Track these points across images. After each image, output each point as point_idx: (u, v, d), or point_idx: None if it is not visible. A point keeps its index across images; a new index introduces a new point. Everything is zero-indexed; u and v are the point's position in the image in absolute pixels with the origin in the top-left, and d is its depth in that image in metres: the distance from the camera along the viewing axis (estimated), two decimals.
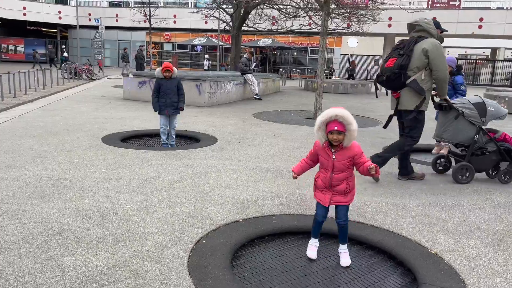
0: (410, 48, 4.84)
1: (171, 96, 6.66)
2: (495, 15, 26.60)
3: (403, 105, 5.06)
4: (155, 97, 6.69)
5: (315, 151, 2.96)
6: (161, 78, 6.66)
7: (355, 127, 2.73)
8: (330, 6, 11.71)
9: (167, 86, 6.66)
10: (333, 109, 2.77)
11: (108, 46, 35.70)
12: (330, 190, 2.89)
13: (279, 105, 13.30)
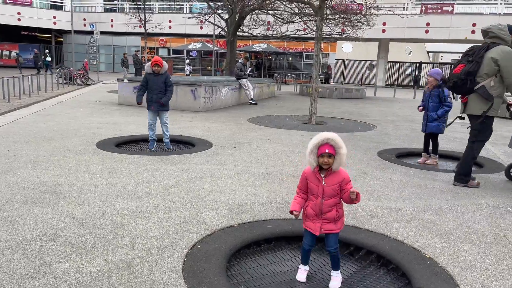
0: (480, 55, 4.91)
1: (157, 92, 6.61)
2: (488, 20, 26.84)
3: (469, 110, 5.14)
4: (141, 90, 6.69)
5: (304, 179, 2.96)
6: (149, 72, 6.61)
7: (345, 151, 2.77)
8: (324, 11, 11.79)
9: (155, 81, 6.60)
10: (325, 133, 2.82)
11: (103, 51, 35.65)
12: (321, 218, 2.88)
13: (274, 110, 13.33)
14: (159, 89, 6.61)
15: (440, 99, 6.32)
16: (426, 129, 6.54)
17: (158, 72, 6.59)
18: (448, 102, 6.32)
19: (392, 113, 13.52)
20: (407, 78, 34.94)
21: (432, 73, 6.40)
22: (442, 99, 6.30)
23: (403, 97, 21.38)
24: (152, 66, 6.56)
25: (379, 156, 6.84)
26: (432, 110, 6.39)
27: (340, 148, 2.76)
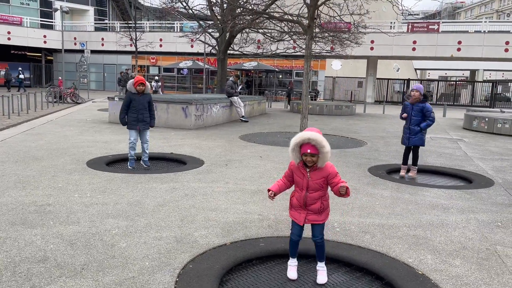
0: None
1: (142, 111, 6.59)
2: (473, 38, 27.52)
3: None
4: (124, 113, 6.57)
5: (290, 171, 3.04)
6: (134, 92, 6.54)
7: (328, 149, 2.81)
8: (313, 30, 11.98)
9: (139, 101, 6.55)
10: (306, 132, 2.86)
11: (94, 69, 35.63)
12: (305, 209, 2.96)
13: (265, 127, 13.39)
14: (144, 108, 6.60)
15: (423, 114, 6.48)
16: (409, 142, 6.68)
17: (143, 91, 6.56)
18: (432, 117, 6.50)
19: (382, 130, 13.66)
20: (396, 94, 35.44)
21: (418, 88, 6.56)
22: (426, 113, 6.48)
23: (392, 113, 21.63)
24: (137, 86, 6.48)
25: (370, 172, 6.88)
26: (415, 123, 6.55)
27: (322, 147, 2.80)
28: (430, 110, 6.49)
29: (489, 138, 12.20)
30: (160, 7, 23.13)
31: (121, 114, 6.63)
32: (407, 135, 6.68)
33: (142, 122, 6.63)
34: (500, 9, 70.22)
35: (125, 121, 6.63)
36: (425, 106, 6.47)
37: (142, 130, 6.71)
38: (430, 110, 6.49)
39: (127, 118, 6.62)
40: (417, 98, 6.49)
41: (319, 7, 11.10)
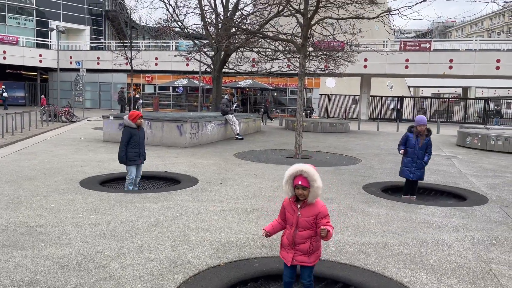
0: None
1: (143, 145, 6.50)
2: (464, 56, 27.96)
3: None
4: (124, 150, 6.30)
5: (283, 208, 3.01)
6: (133, 127, 6.34)
7: (319, 184, 2.78)
8: (307, 49, 12.14)
9: (140, 135, 6.44)
10: (300, 164, 2.86)
11: (89, 88, 35.70)
12: (293, 249, 2.88)
13: (260, 144, 13.40)
14: (143, 142, 6.53)
15: (426, 147, 6.41)
16: (413, 176, 6.49)
17: (141, 125, 6.45)
18: (431, 150, 6.48)
19: (376, 147, 13.72)
20: (390, 111, 35.72)
21: (425, 122, 6.42)
22: (428, 147, 6.42)
23: (386, 130, 21.77)
24: (137, 120, 6.31)
25: (365, 190, 6.88)
26: (422, 157, 6.43)
27: (314, 181, 2.78)
28: (431, 144, 6.51)
29: (482, 155, 12.28)
30: (156, 26, 23.36)
31: (122, 151, 6.32)
32: (411, 169, 6.47)
33: (142, 156, 6.54)
34: (490, 28, 71.66)
35: (125, 159, 6.37)
36: (429, 140, 6.42)
37: (141, 164, 6.60)
38: (431, 144, 6.48)
39: (128, 154, 6.36)
40: (425, 132, 6.39)
41: (312, 26, 11.27)
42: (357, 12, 11.89)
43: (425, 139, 6.40)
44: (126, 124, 6.38)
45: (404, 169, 6.63)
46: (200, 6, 19.63)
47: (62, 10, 39.81)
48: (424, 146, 6.43)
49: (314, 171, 2.81)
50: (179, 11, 20.12)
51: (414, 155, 6.46)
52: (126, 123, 6.38)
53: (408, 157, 6.52)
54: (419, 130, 6.41)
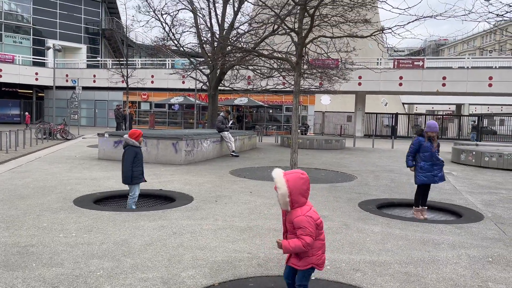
0: None
1: (143, 163, 6.59)
2: (457, 74, 28.36)
3: None
4: (131, 167, 6.29)
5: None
6: (138, 146, 6.44)
7: (282, 192, 2.74)
8: (301, 67, 12.27)
9: (142, 154, 6.59)
10: (276, 169, 2.85)
11: (85, 106, 35.76)
12: None
13: (255, 161, 13.39)
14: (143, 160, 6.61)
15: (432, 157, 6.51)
16: (440, 179, 6.54)
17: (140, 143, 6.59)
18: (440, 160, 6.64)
19: (372, 163, 13.74)
20: (385, 128, 35.94)
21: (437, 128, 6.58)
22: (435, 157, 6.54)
23: (381, 147, 21.85)
24: (139, 138, 6.43)
25: (360, 207, 6.86)
26: (439, 159, 6.56)
27: (278, 188, 2.76)
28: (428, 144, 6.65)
29: (477, 172, 12.33)
30: (152, 44, 23.56)
31: (129, 171, 6.29)
32: (434, 172, 6.46)
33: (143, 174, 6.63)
34: (482, 46, 72.88)
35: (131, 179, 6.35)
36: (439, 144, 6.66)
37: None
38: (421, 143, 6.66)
39: (132, 173, 6.36)
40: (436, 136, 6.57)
41: (306, 45, 11.41)
42: (351, 30, 12.07)
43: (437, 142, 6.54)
44: (131, 144, 6.39)
45: (425, 176, 6.51)
46: (196, 25, 19.85)
47: (59, 29, 40.16)
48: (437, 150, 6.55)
49: (279, 178, 2.75)
50: (175, 30, 20.28)
51: (433, 158, 6.48)
52: (130, 143, 6.39)
53: (426, 161, 6.49)
54: (431, 135, 6.49)
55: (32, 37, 39.05)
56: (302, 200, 2.79)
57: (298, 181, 2.76)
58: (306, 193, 2.82)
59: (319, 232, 2.88)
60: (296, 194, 2.75)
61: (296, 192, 2.75)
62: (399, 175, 10.97)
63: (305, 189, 2.80)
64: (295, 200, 2.76)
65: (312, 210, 2.85)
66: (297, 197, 2.76)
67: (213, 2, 19.42)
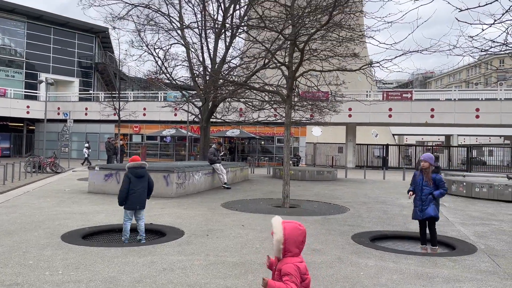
0: None
1: (142, 189, 6.60)
2: (444, 105, 28.94)
3: None
4: (126, 192, 6.46)
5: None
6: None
7: (277, 237, 2.71)
8: (292, 100, 12.44)
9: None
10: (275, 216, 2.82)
11: (76, 138, 35.61)
12: None
13: (247, 193, 13.31)
14: (144, 186, 6.61)
15: (435, 184, 6.25)
16: (423, 215, 6.28)
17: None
18: (445, 187, 6.32)
19: (364, 195, 13.73)
20: (376, 159, 36.18)
21: (426, 158, 6.35)
22: (439, 184, 6.23)
23: (373, 178, 21.91)
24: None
25: (353, 240, 6.79)
26: (427, 193, 6.25)
27: (274, 234, 2.73)
28: (443, 180, 6.33)
29: (468, 203, 12.36)
30: (145, 78, 23.82)
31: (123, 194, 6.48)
32: (419, 207, 6.32)
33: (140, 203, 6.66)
34: (468, 79, 74.87)
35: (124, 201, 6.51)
36: (436, 177, 6.28)
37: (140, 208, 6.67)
38: (442, 180, 6.31)
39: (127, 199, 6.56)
40: (427, 168, 6.32)
41: (297, 78, 11.63)
42: (340, 64, 12.36)
43: (432, 175, 6.28)
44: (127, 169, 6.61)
45: (414, 210, 6.46)
46: (189, 59, 20.20)
47: (52, 63, 40.54)
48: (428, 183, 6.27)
49: (277, 224, 2.74)
50: (168, 64, 20.59)
51: (419, 191, 6.32)
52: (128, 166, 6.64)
53: (416, 194, 6.40)
54: (421, 165, 6.37)
55: (24, 71, 39.29)
56: (295, 251, 2.78)
57: (295, 231, 2.77)
58: (301, 245, 2.81)
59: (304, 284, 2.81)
60: (291, 243, 2.75)
61: (290, 241, 2.74)
62: (392, 207, 10.95)
63: (300, 241, 2.79)
64: (288, 249, 2.75)
65: (303, 263, 2.81)
66: (291, 246, 2.75)
67: (205, 37, 19.85)
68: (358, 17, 11.62)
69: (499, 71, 46.02)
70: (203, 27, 19.68)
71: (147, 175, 6.70)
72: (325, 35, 11.27)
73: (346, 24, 10.89)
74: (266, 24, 10.75)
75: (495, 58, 49.21)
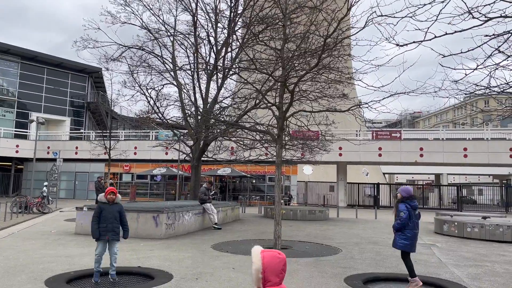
0: None
1: (112, 221, 6.50)
2: (433, 145, 29.36)
3: None
4: (96, 223, 6.44)
5: None
6: (103, 202, 6.56)
7: (256, 266, 2.68)
8: (283, 139, 12.55)
9: (109, 210, 6.53)
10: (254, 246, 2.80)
11: (65, 177, 35.17)
12: None
13: (238, 234, 13.09)
14: (114, 218, 6.54)
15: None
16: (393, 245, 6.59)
17: (113, 201, 6.62)
18: (399, 217, 6.38)
19: (356, 235, 13.59)
20: (367, 198, 36.13)
21: (400, 189, 6.65)
22: (398, 214, 6.41)
23: (365, 217, 21.78)
24: (108, 195, 6.55)
25: (346, 283, 6.66)
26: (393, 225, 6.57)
27: (253, 263, 2.69)
28: (400, 209, 6.38)
29: (461, 243, 12.29)
30: (137, 117, 23.96)
31: (94, 225, 6.46)
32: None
33: (111, 232, 6.47)
34: (454, 119, 76.57)
35: (98, 234, 6.43)
36: (399, 206, 6.40)
37: (111, 240, 6.48)
38: (399, 210, 6.38)
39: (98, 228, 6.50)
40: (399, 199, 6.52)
41: (287, 118, 11.79)
42: (330, 105, 12.61)
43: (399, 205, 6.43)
44: (98, 199, 6.71)
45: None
46: (181, 99, 20.45)
47: (44, 102, 40.67)
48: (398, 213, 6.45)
49: (256, 253, 2.71)
50: (160, 103, 20.81)
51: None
52: (99, 198, 6.71)
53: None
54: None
55: (16, 110, 39.26)
56: (275, 280, 2.72)
57: (274, 259, 2.72)
58: (281, 274, 2.75)
59: None
60: (270, 272, 2.70)
61: (269, 270, 2.70)
62: (384, 247, 10.82)
63: (280, 269, 2.73)
64: (268, 278, 2.69)
65: None
66: (270, 275, 2.70)
67: (198, 78, 20.21)
68: (347, 60, 11.99)
69: (484, 113, 47.26)
70: (195, 69, 20.11)
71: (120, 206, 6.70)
72: (315, 77, 11.57)
73: (335, 66, 11.22)
74: (257, 66, 11.03)
75: (480, 99, 50.66)
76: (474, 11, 5.40)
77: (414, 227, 6.46)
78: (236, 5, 18.90)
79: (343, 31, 9.50)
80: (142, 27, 20.17)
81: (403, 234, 6.42)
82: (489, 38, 5.63)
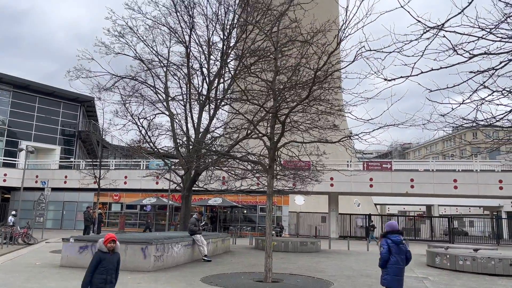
0: None
1: (111, 272, 5.85)
2: (423, 176, 29.54)
3: None
4: (90, 275, 5.70)
5: None
6: (104, 251, 5.84)
7: None
8: (274, 170, 12.56)
9: (110, 261, 5.84)
10: None
11: (52, 207, 34.49)
12: None
13: (229, 266, 12.84)
14: (113, 268, 5.89)
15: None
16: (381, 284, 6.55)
17: (113, 249, 5.92)
18: (380, 252, 6.44)
19: (348, 268, 13.40)
20: (359, 229, 35.88)
21: (386, 225, 6.69)
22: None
23: (357, 249, 21.55)
24: (108, 243, 5.84)
25: None
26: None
27: None
28: (380, 244, 6.46)
29: (453, 276, 12.16)
30: (128, 146, 23.86)
31: (87, 277, 5.71)
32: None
33: (110, 284, 5.85)
34: (444, 150, 77.51)
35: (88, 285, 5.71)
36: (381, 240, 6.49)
37: None
38: (381, 246, 6.43)
39: (93, 280, 5.73)
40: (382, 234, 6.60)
41: (279, 149, 11.85)
42: (321, 135, 12.72)
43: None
44: (98, 248, 5.90)
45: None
46: (173, 129, 20.49)
47: (35, 131, 40.41)
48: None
49: None
50: (152, 133, 20.80)
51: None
52: (98, 247, 5.91)
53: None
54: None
55: (5, 139, 38.92)
56: None
57: None
58: None
59: None
60: None
61: None
62: (377, 281, 10.65)
63: None
64: None
65: None
66: None
67: (190, 108, 20.35)
68: (337, 92, 12.21)
69: (473, 145, 47.93)
70: (187, 99, 20.28)
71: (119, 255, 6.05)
72: (305, 108, 11.72)
73: (325, 98, 11.40)
74: (249, 98, 11.16)
75: (468, 131, 51.49)
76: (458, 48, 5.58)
77: (398, 262, 6.32)
78: (228, 38, 19.32)
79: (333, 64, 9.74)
80: (136, 58, 20.46)
81: (386, 269, 6.39)
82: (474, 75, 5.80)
